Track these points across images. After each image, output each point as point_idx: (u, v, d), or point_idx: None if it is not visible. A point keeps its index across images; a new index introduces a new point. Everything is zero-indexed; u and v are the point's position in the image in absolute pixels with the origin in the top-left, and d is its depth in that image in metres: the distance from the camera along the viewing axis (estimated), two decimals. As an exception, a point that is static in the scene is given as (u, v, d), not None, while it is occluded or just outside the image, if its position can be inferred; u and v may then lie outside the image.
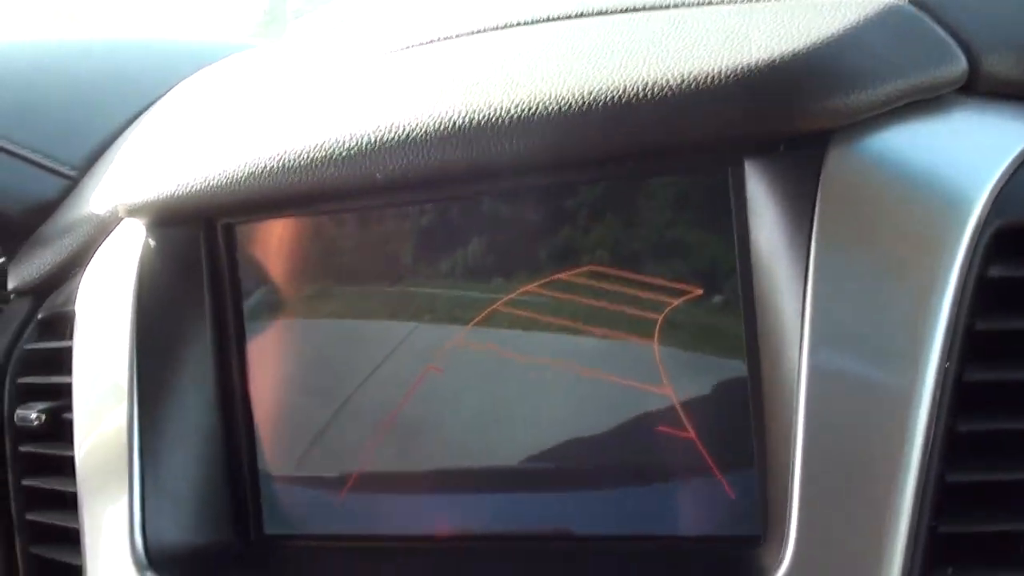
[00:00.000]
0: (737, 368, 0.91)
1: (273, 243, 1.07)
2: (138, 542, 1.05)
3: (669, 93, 0.85)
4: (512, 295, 0.98)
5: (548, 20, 1.07)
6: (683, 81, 0.85)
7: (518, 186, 0.97)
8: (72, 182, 1.34)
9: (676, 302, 0.93)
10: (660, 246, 0.93)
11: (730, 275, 0.91)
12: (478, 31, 1.10)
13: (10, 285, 1.32)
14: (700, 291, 0.92)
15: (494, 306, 0.98)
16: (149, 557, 1.05)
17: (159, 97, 1.40)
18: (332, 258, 1.05)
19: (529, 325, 0.97)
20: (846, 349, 0.83)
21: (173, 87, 1.41)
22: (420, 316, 1.02)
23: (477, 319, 0.99)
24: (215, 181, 1.03)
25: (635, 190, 0.94)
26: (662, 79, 0.86)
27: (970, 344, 0.82)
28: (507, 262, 0.98)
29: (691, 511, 0.93)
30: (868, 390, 0.82)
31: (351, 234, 1.04)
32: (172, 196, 1.06)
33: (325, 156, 0.97)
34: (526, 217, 0.97)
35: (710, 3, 1.00)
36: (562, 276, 0.97)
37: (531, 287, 0.97)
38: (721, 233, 0.91)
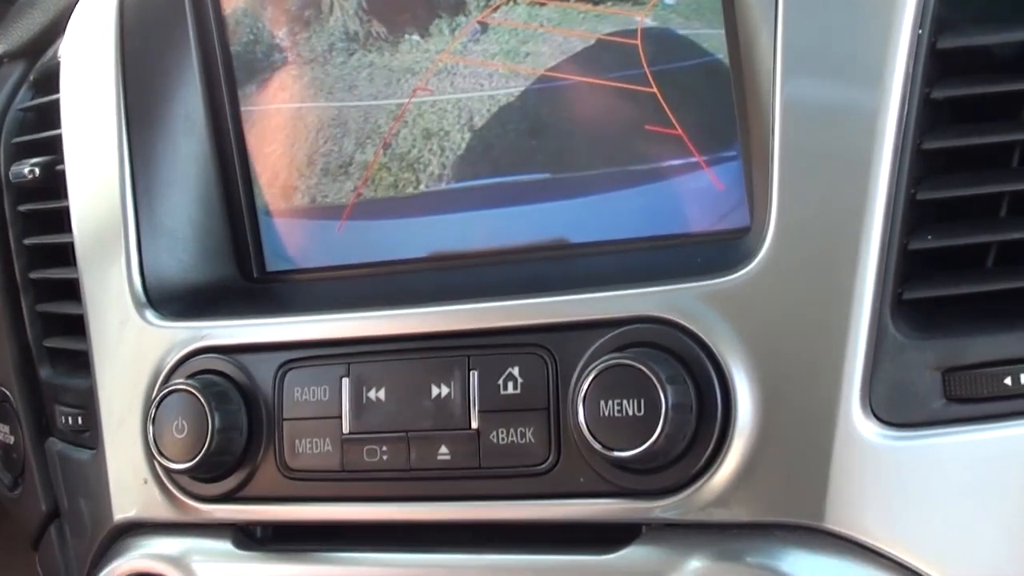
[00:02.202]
0: (712, 59, 0.93)
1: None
2: (136, 281, 1.08)
3: None
4: (483, 7, 0.99)
5: None
6: None
7: None
8: (58, -60, 1.33)
9: (656, -1, 0.93)
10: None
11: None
12: None
13: (0, 50, 1.32)
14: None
15: (478, 17, 0.99)
16: (148, 295, 1.08)
17: None
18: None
19: (514, 35, 0.99)
20: (820, 27, 0.85)
21: None
22: (406, 36, 1.03)
23: (462, 33, 1.00)
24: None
25: None
26: None
27: (943, 9, 0.83)
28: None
29: (683, 208, 0.96)
30: (845, 65, 0.84)
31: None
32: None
33: None
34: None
35: None
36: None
37: (500, -3, 0.98)
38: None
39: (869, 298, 0.82)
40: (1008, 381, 0.80)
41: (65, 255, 1.20)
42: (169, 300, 1.08)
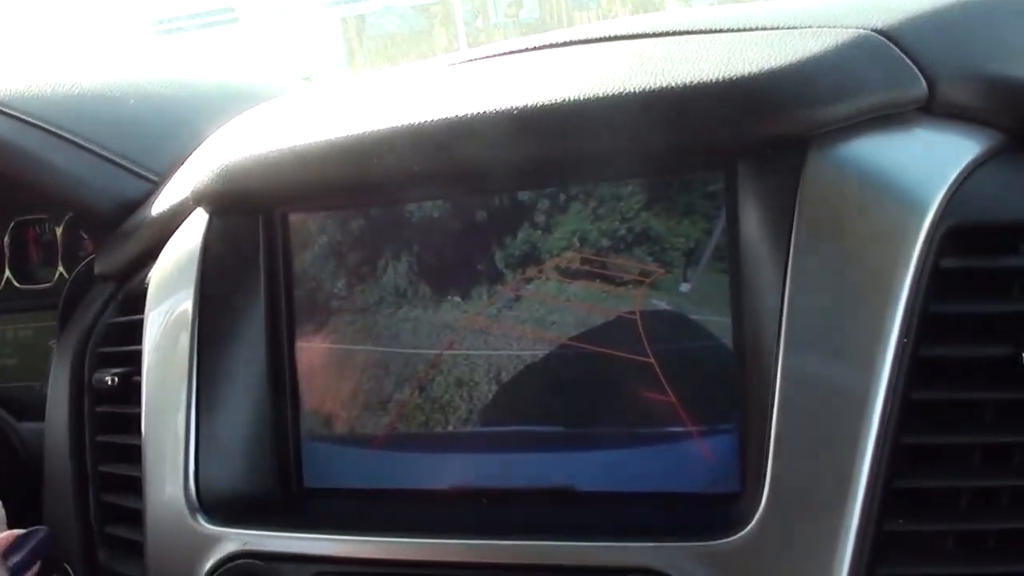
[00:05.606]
0: (714, 340, 0.92)
1: (323, 236, 1.09)
2: (191, 488, 1.06)
3: (680, 97, 0.88)
4: (519, 279, 0.99)
5: (574, 43, 1.09)
6: (691, 88, 0.88)
7: (531, 183, 0.99)
8: (154, 185, 1.36)
9: (653, 280, 0.94)
10: (647, 236, 0.95)
11: (711, 261, 0.92)
12: (514, 51, 1.11)
13: (96, 271, 1.34)
14: (677, 270, 0.93)
15: (503, 289, 1.00)
16: (201, 501, 1.06)
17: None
18: (370, 253, 1.07)
19: (543, 306, 0.99)
20: (820, 328, 0.84)
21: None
22: (448, 297, 1.03)
23: (489, 302, 1.01)
24: (270, 169, 1.06)
25: (631, 189, 0.95)
26: (676, 86, 0.89)
27: (925, 325, 0.84)
28: (515, 251, 1.00)
29: (675, 470, 0.94)
30: (838, 363, 0.84)
31: (386, 233, 1.06)
32: (233, 184, 1.09)
33: (367, 149, 1.00)
34: (531, 212, 0.99)
35: (710, 31, 1.00)
36: (560, 262, 0.98)
37: (534, 272, 0.99)
38: (706, 224, 0.93)
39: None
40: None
41: (129, 453, 1.18)
42: (217, 507, 1.06)
